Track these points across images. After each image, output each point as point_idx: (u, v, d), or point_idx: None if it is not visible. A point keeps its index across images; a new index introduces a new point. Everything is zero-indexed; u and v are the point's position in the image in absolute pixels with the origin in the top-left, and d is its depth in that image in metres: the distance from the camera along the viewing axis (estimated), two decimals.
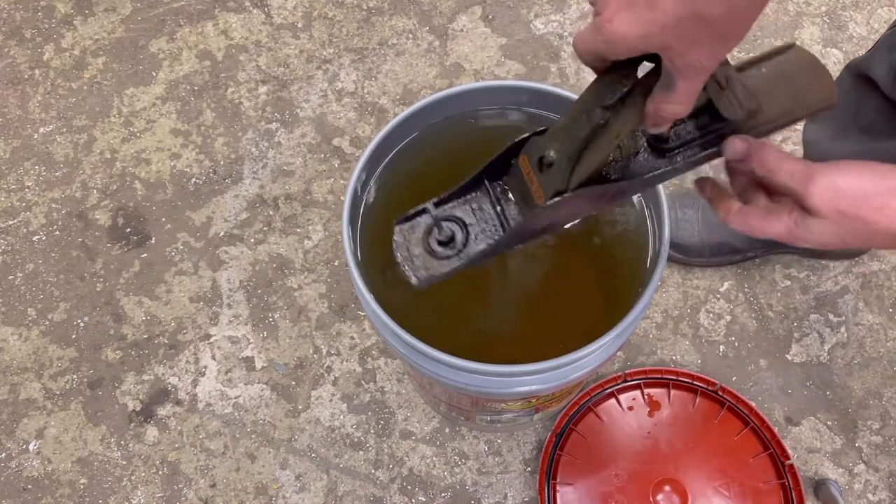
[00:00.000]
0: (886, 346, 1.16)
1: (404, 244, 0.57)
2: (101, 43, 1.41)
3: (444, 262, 0.57)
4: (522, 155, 0.55)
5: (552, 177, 0.52)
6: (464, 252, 0.57)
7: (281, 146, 1.31)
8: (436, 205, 0.57)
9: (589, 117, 0.49)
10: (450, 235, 0.56)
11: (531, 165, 0.53)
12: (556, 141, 0.51)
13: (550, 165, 0.52)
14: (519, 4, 1.42)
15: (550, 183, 0.52)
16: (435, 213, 0.56)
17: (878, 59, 0.85)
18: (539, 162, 0.53)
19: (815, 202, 0.47)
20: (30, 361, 1.17)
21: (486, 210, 0.57)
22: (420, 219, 0.58)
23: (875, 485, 1.08)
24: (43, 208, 1.27)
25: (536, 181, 0.53)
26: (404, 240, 0.57)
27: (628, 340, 1.00)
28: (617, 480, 1.04)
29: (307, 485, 1.09)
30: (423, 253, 0.57)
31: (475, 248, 0.56)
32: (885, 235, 0.46)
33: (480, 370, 0.61)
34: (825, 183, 0.46)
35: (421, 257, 0.57)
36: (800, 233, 0.49)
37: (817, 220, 0.47)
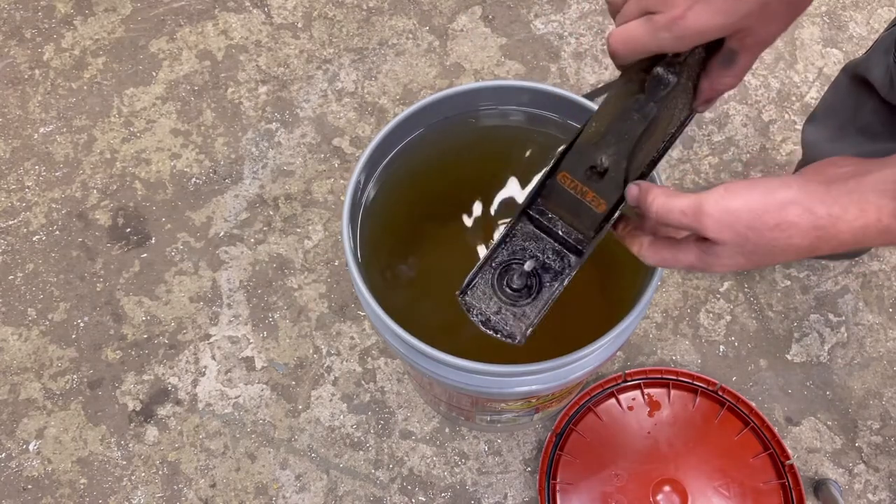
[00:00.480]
0: (886, 345, 1.16)
1: (481, 308, 0.57)
2: (101, 43, 1.41)
3: (529, 306, 0.56)
4: (562, 172, 0.54)
5: (611, 183, 0.52)
6: (544, 290, 0.56)
7: (281, 146, 1.31)
8: (487, 260, 0.57)
9: (642, 115, 0.49)
10: (523, 282, 0.56)
11: (577, 179, 0.54)
12: (606, 147, 0.52)
13: (604, 173, 0.52)
14: (519, 4, 1.42)
15: (611, 189, 0.52)
16: (495, 265, 0.56)
17: (874, 61, 0.85)
18: (588, 172, 0.53)
19: (711, 233, 0.46)
20: (30, 361, 1.17)
21: (542, 238, 0.57)
22: (482, 276, 0.57)
23: (875, 485, 1.08)
24: (43, 208, 1.27)
25: (592, 192, 0.53)
26: (478, 303, 0.57)
27: (628, 340, 1.00)
28: (617, 480, 1.04)
29: (307, 485, 1.09)
30: (505, 307, 0.56)
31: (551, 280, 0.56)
32: (786, 252, 0.46)
33: (480, 370, 0.61)
34: (716, 211, 0.46)
35: (506, 313, 0.56)
36: (709, 260, 0.49)
37: (721, 246, 0.47)
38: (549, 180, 0.55)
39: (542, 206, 0.57)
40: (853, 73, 0.92)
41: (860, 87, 0.90)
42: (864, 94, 0.90)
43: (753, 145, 1.30)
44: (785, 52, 1.37)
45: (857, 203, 0.43)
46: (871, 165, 0.44)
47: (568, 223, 0.56)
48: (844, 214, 0.43)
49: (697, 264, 0.50)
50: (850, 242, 0.44)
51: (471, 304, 0.57)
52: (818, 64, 1.36)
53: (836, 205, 0.43)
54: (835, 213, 0.43)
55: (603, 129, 0.52)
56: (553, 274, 0.57)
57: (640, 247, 0.54)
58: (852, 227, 0.43)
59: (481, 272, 0.57)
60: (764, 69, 1.36)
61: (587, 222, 0.55)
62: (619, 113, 0.51)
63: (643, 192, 0.51)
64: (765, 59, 1.36)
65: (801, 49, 1.37)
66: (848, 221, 0.43)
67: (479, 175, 0.77)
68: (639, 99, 0.50)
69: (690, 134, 1.31)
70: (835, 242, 0.44)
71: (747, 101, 1.33)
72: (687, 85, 0.49)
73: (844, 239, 0.44)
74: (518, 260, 0.57)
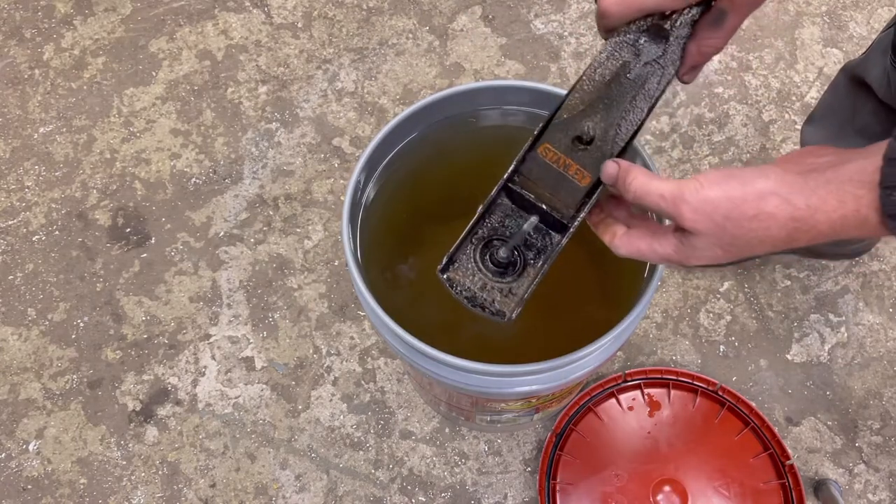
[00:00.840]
0: (887, 346, 1.16)
1: (465, 284, 0.54)
2: (101, 43, 1.41)
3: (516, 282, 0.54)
4: (543, 144, 0.52)
5: (596, 153, 0.50)
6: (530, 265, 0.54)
7: (281, 146, 1.31)
8: (467, 236, 0.54)
9: (632, 78, 0.48)
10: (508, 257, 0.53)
11: (560, 151, 0.52)
12: (593, 115, 0.50)
13: (591, 142, 0.50)
14: (519, 4, 1.42)
15: (596, 159, 0.50)
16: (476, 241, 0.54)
17: (872, 62, 0.85)
18: (573, 143, 0.51)
19: (688, 221, 0.45)
20: (30, 361, 1.17)
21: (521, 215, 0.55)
22: (464, 251, 0.55)
23: (875, 485, 1.08)
24: (43, 208, 1.27)
25: (576, 164, 0.51)
26: (463, 279, 0.54)
27: (628, 340, 1.00)
28: (617, 480, 1.04)
29: (307, 485, 1.09)
30: (491, 283, 0.54)
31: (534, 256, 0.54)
32: (763, 243, 0.45)
33: (480, 370, 0.61)
34: (695, 199, 0.45)
35: (492, 290, 0.54)
36: (686, 252, 0.47)
37: (698, 237, 0.46)
38: (529, 153, 0.53)
39: (523, 182, 0.54)
40: (851, 74, 0.91)
41: (858, 88, 0.90)
42: (862, 95, 0.89)
43: (754, 145, 1.30)
44: (785, 51, 1.37)
45: (836, 194, 0.42)
46: (849, 155, 0.43)
47: (548, 200, 0.54)
48: (822, 205, 0.42)
49: (674, 256, 0.48)
50: (828, 234, 0.43)
51: (454, 280, 0.54)
52: (818, 64, 1.36)
53: (814, 195, 0.43)
54: (813, 204, 0.43)
55: (588, 97, 0.50)
56: (536, 252, 0.55)
57: (613, 236, 0.52)
58: (830, 219, 0.42)
59: (462, 247, 0.55)
60: (764, 69, 1.36)
61: (568, 198, 0.53)
62: (608, 79, 0.49)
63: (623, 171, 0.49)
64: (765, 60, 1.36)
65: (802, 49, 1.37)
66: (826, 212, 0.42)
67: (478, 175, 0.77)
68: (628, 63, 0.49)
69: (690, 134, 1.31)
70: (813, 233, 0.43)
71: (747, 101, 1.33)
72: (675, 50, 0.48)
73: (822, 230, 0.43)
74: (500, 237, 0.55)
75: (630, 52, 0.49)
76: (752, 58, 1.37)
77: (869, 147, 0.43)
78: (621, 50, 0.49)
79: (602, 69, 0.50)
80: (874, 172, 0.41)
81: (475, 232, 0.55)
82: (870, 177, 0.41)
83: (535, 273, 0.54)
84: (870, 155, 0.42)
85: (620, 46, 0.49)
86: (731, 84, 1.35)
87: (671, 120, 1.32)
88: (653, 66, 0.49)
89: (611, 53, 0.49)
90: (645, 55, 0.48)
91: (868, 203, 0.41)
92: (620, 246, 0.51)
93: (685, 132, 1.31)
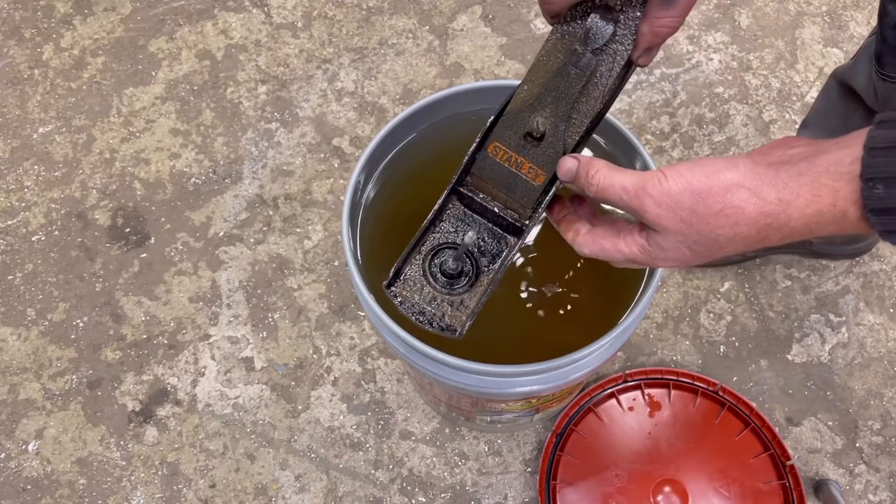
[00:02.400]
0: (887, 346, 1.16)
1: (413, 299, 0.51)
2: (101, 42, 1.41)
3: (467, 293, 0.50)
4: (492, 143, 0.49)
5: (548, 149, 0.47)
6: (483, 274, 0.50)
7: (281, 146, 1.31)
8: (415, 247, 0.51)
9: (580, 68, 0.45)
10: (457, 267, 0.50)
11: (511, 150, 0.48)
12: (542, 108, 0.47)
13: (541, 138, 0.47)
14: (519, 4, 1.42)
15: (549, 156, 0.47)
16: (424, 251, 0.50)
17: (859, 69, 0.84)
18: (523, 139, 0.48)
19: (651, 216, 0.42)
20: (29, 362, 1.17)
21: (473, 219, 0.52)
22: (410, 265, 0.51)
23: (876, 485, 1.08)
24: (42, 208, 1.27)
25: (528, 162, 0.48)
26: (410, 294, 0.51)
27: (629, 341, 1.00)
28: (617, 481, 1.03)
29: (307, 485, 1.09)
30: (440, 297, 0.50)
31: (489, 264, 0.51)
32: (732, 241, 0.41)
33: (480, 370, 0.61)
34: (658, 192, 0.41)
35: (441, 303, 0.50)
36: (653, 252, 0.44)
37: (664, 235, 0.43)
38: (478, 154, 0.50)
39: (476, 183, 0.51)
40: (840, 80, 0.90)
41: (848, 94, 0.89)
42: (852, 101, 0.88)
43: (754, 145, 1.30)
44: (785, 51, 1.37)
45: (810, 186, 0.39)
46: (824, 145, 0.40)
47: (503, 201, 0.50)
48: (795, 199, 0.39)
49: (640, 257, 0.45)
50: (803, 230, 0.40)
51: (400, 296, 0.51)
52: (819, 63, 1.36)
53: (786, 189, 0.39)
54: (785, 198, 0.39)
55: (537, 89, 0.47)
56: (490, 257, 0.51)
57: (577, 234, 0.49)
58: (804, 214, 0.39)
59: (409, 259, 0.51)
60: (764, 69, 1.36)
61: (524, 198, 0.49)
62: (556, 70, 0.46)
63: (584, 166, 0.46)
64: (765, 59, 1.36)
65: (802, 49, 1.37)
66: (799, 207, 0.39)
67: None
68: (576, 51, 0.45)
69: (691, 134, 1.31)
70: (785, 230, 0.40)
71: (748, 101, 1.33)
72: (625, 34, 0.45)
73: (796, 226, 0.40)
74: (450, 244, 0.51)
75: (577, 39, 0.45)
76: (753, 57, 1.37)
77: (845, 137, 0.39)
78: (568, 37, 0.46)
79: (549, 59, 0.46)
80: (852, 163, 0.37)
81: (423, 241, 0.52)
82: (847, 167, 0.38)
83: (489, 282, 0.50)
84: (847, 145, 0.38)
85: (567, 33, 0.46)
86: (732, 84, 1.35)
87: (672, 120, 1.32)
88: (602, 53, 0.45)
89: (557, 41, 0.46)
90: (592, 41, 0.45)
91: (846, 196, 0.38)
92: (583, 244, 0.48)
93: (685, 132, 1.31)
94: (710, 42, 1.39)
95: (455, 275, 0.51)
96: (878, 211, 0.37)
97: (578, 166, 0.46)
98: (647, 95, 1.33)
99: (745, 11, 1.41)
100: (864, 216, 0.38)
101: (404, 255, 0.51)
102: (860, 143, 0.37)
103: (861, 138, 0.38)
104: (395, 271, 0.51)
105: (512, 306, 0.72)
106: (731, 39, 1.39)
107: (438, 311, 0.51)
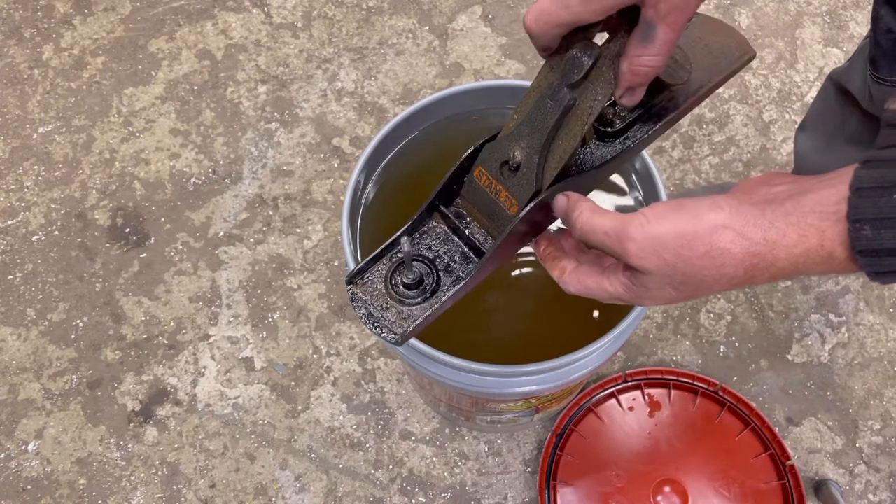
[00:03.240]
0: (887, 346, 1.16)
1: (366, 301, 0.51)
2: (101, 42, 1.41)
3: (419, 306, 0.50)
4: (477, 167, 0.49)
5: (523, 180, 0.47)
6: (439, 292, 0.51)
7: (280, 146, 1.31)
8: (387, 248, 0.51)
9: (556, 101, 0.45)
10: (417, 277, 0.50)
11: (492, 176, 0.48)
12: (519, 139, 0.47)
13: (517, 168, 0.47)
14: (519, 4, 1.42)
15: (522, 187, 0.47)
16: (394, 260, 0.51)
17: (854, 71, 0.83)
18: (501, 168, 0.48)
19: (635, 259, 0.42)
20: (29, 362, 1.17)
21: (451, 240, 0.52)
22: (376, 267, 0.51)
23: (876, 485, 1.08)
24: (42, 208, 1.27)
25: (505, 190, 0.48)
26: (365, 295, 0.51)
27: (629, 341, 1.00)
28: (617, 481, 1.03)
29: (307, 485, 1.09)
30: (391, 304, 0.50)
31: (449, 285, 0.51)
32: (719, 282, 0.41)
33: (480, 370, 0.61)
34: (641, 236, 0.41)
35: (391, 310, 0.50)
36: (638, 291, 0.44)
37: (648, 276, 0.42)
38: (467, 177, 0.50)
39: (464, 205, 0.51)
40: (837, 82, 0.90)
41: (845, 97, 0.88)
42: (849, 103, 0.88)
43: (754, 145, 1.30)
44: (786, 51, 1.37)
45: (796, 226, 0.38)
46: (808, 184, 0.39)
47: (485, 227, 0.50)
48: (782, 239, 0.39)
49: (625, 295, 0.45)
50: (789, 271, 0.40)
51: (355, 295, 0.51)
52: (819, 63, 1.36)
53: (772, 229, 0.39)
54: (771, 238, 0.39)
55: (519, 118, 0.47)
56: (455, 278, 0.51)
57: (562, 272, 0.49)
58: (792, 254, 0.39)
59: (376, 263, 0.51)
60: (764, 69, 1.36)
61: (501, 226, 0.49)
62: (534, 102, 0.46)
63: (571, 204, 0.46)
64: (765, 59, 1.36)
65: (802, 49, 1.37)
66: (787, 247, 0.39)
67: None
68: (552, 84, 0.45)
69: (691, 133, 1.31)
70: (773, 270, 0.40)
71: (748, 101, 1.33)
72: (606, 72, 0.45)
73: (783, 266, 0.39)
74: (421, 258, 0.51)
75: (558, 73, 0.45)
76: None
77: (829, 174, 0.39)
78: (552, 70, 0.46)
79: (534, 90, 0.47)
80: (838, 202, 0.37)
81: (395, 251, 0.52)
82: (833, 207, 0.37)
83: (441, 298, 0.50)
84: (832, 184, 0.38)
85: (552, 66, 0.46)
86: (732, 84, 1.35)
87: None
88: (577, 91, 0.45)
89: (544, 72, 0.46)
90: (570, 76, 0.44)
91: (832, 237, 0.37)
92: (569, 283, 0.48)
93: (685, 132, 1.31)
94: None
95: (412, 287, 0.51)
96: (866, 252, 0.37)
97: (567, 205, 0.46)
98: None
99: (745, 11, 1.41)
100: (853, 257, 0.37)
101: (372, 256, 0.51)
102: (845, 182, 0.37)
103: (846, 177, 0.37)
104: (359, 269, 0.51)
105: (512, 306, 0.72)
106: None
107: (383, 318, 0.50)
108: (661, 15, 0.42)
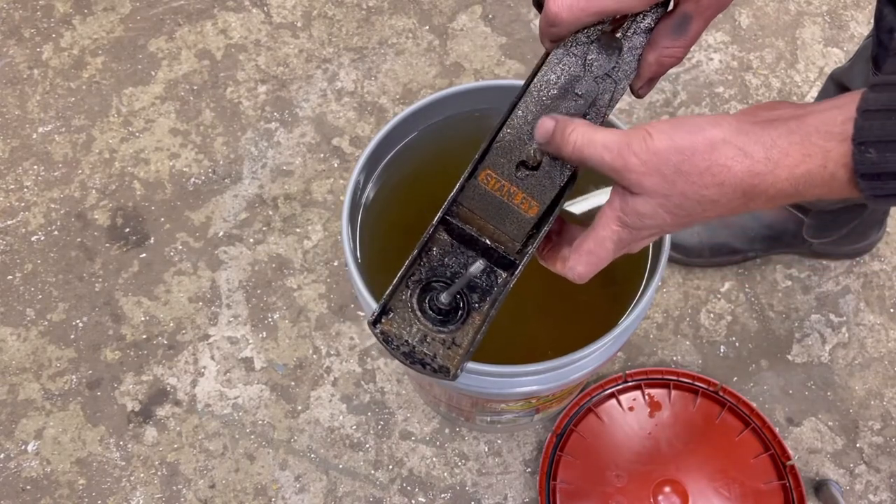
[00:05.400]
0: (888, 346, 1.16)
1: (402, 341, 0.48)
2: (100, 42, 1.41)
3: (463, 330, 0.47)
4: (484, 171, 0.47)
5: (544, 179, 0.45)
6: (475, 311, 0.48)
7: (280, 146, 1.31)
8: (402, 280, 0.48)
9: (582, 94, 0.44)
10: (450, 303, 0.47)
11: (504, 178, 0.46)
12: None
13: (537, 167, 0.45)
14: (519, 3, 1.42)
15: (544, 186, 0.45)
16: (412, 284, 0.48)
17: (856, 71, 0.83)
18: (517, 168, 0.46)
19: (635, 176, 0.40)
20: (28, 362, 1.17)
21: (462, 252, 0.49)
22: (399, 297, 0.48)
23: (876, 485, 1.08)
24: (42, 208, 1.27)
25: (521, 192, 0.46)
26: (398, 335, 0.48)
27: (629, 341, 1.00)
28: (617, 481, 1.03)
29: (307, 485, 1.09)
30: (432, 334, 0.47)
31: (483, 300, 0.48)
32: (716, 203, 0.40)
33: (480, 370, 0.60)
34: (644, 151, 0.39)
35: (433, 342, 0.47)
36: (630, 220, 0.42)
37: (642, 198, 0.41)
38: (469, 182, 0.47)
39: (463, 213, 0.48)
40: (838, 82, 0.90)
41: None
42: None
43: None
44: (786, 51, 1.37)
45: (800, 146, 0.37)
46: (814, 106, 0.38)
47: (490, 233, 0.48)
48: (784, 159, 0.37)
49: (621, 232, 0.43)
50: (790, 192, 0.38)
51: (390, 334, 0.47)
52: (819, 63, 1.36)
53: (774, 147, 0.38)
54: (773, 157, 0.38)
55: (534, 116, 0.45)
56: (481, 293, 0.48)
57: (564, 261, 0.47)
58: (793, 175, 0.38)
59: (397, 294, 0.48)
60: (765, 69, 1.36)
61: (515, 231, 0.47)
62: (555, 95, 0.44)
63: (561, 124, 0.44)
64: (766, 59, 1.36)
65: (802, 49, 1.37)
66: (788, 167, 0.37)
67: None
68: (578, 77, 0.44)
69: None
70: (772, 192, 0.39)
71: (748, 101, 1.33)
72: (630, 61, 0.44)
73: (783, 188, 0.38)
74: (441, 279, 0.48)
75: (579, 65, 0.44)
76: (753, 57, 1.37)
77: (836, 97, 0.38)
78: (569, 62, 0.44)
79: (548, 85, 0.45)
80: (844, 123, 0.36)
81: (411, 275, 0.48)
82: (839, 128, 0.36)
83: (482, 319, 0.48)
84: (838, 106, 0.37)
85: (568, 58, 0.44)
86: (732, 84, 1.35)
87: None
88: (604, 81, 0.44)
89: (557, 66, 0.44)
90: (596, 69, 0.43)
91: (836, 158, 0.36)
92: (574, 264, 0.46)
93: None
94: (711, 42, 1.39)
95: (447, 311, 0.48)
96: (868, 176, 0.36)
97: (555, 126, 0.44)
98: (648, 95, 1.33)
99: (745, 11, 1.41)
100: (853, 179, 0.36)
101: (391, 289, 0.48)
102: (853, 104, 0.36)
103: (854, 100, 0.36)
104: (382, 307, 0.48)
105: (512, 306, 0.72)
106: (731, 39, 1.39)
107: (431, 350, 0.48)
108: (702, 9, 0.41)
